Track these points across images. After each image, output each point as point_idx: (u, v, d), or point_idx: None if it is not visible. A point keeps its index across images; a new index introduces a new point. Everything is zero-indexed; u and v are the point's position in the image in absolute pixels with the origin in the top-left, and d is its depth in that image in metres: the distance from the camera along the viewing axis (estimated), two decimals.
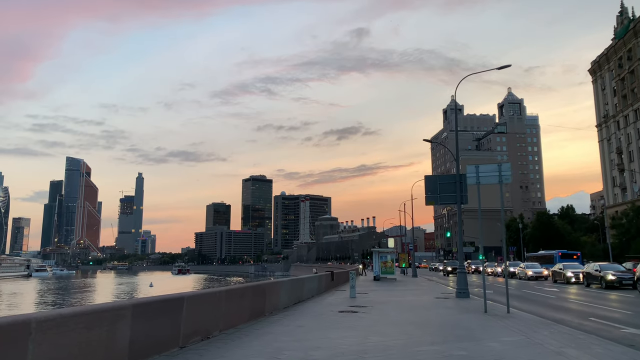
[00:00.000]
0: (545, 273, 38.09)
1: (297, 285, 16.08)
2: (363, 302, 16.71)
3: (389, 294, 22.14)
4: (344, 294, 20.10)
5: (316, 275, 20.59)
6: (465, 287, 19.96)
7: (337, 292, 21.89)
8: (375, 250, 37.99)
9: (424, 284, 31.68)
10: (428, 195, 21.27)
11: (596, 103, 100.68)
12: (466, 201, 20.85)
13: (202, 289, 14.97)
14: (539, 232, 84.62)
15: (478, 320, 11.86)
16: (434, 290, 25.21)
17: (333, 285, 25.16)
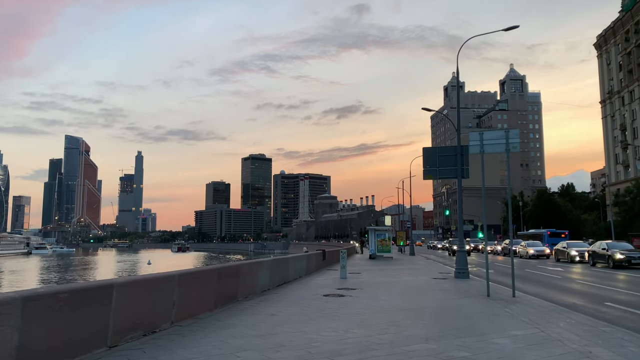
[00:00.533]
0: (547, 252, 36.73)
1: (281, 266, 14.56)
2: (353, 284, 15.24)
3: (383, 273, 20.72)
4: (334, 275, 18.65)
5: (304, 255, 19.10)
6: (465, 267, 18.51)
7: (328, 272, 20.46)
8: (371, 228, 36.55)
9: (421, 263, 30.32)
10: (426, 169, 19.66)
11: (601, 78, 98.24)
12: (467, 175, 19.27)
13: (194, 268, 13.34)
14: (539, 210, 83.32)
15: (480, 306, 10.36)
16: (431, 269, 23.81)
17: (325, 265, 23.75)
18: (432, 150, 19.90)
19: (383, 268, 24.97)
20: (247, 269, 11.04)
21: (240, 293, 10.64)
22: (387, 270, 22.91)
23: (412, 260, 35.09)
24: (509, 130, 12.54)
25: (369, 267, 25.45)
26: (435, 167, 19.44)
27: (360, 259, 37.38)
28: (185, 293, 7.96)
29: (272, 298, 11.31)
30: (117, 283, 6.07)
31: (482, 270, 25.12)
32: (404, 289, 14.13)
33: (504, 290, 13.73)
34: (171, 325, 7.47)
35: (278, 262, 14.21)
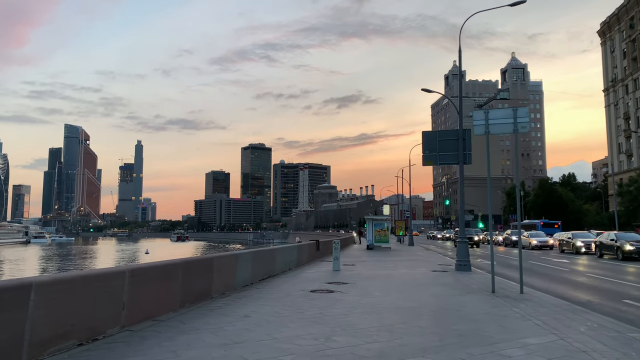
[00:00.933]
0: (550, 242, 35.57)
1: (265, 258, 13.33)
2: (345, 278, 14.06)
3: (380, 265, 19.54)
4: (327, 267, 17.47)
5: (294, 245, 17.89)
6: (466, 258, 17.33)
7: (321, 264, 19.29)
8: (369, 218, 35.36)
9: (420, 254, 29.18)
10: (426, 155, 18.39)
11: (604, 66, 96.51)
12: (469, 160, 18.01)
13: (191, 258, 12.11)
14: (541, 200, 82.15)
15: (486, 305, 9.17)
16: (430, 261, 22.64)
17: (319, 256, 22.58)
18: (432, 134, 18.63)
19: (380, 259, 23.82)
20: (222, 262, 9.81)
21: (215, 289, 9.44)
22: (383, 262, 21.74)
23: (411, 251, 33.96)
24: (517, 108, 11.25)
25: (365, 259, 24.30)
26: (435, 153, 18.18)
27: (358, 249, 36.27)
28: (140, 291, 6.75)
29: (252, 295, 10.11)
30: (36, 282, 4.85)
31: (484, 262, 23.98)
32: (401, 283, 12.94)
33: (510, 286, 12.56)
34: (121, 330, 6.28)
35: (262, 254, 12.97)
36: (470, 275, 15.27)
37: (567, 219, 78.33)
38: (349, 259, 23.19)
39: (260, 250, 12.89)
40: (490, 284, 11.78)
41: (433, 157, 18.26)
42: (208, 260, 9.30)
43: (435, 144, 18.18)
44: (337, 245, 16.38)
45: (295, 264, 17.26)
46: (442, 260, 23.28)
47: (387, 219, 35.59)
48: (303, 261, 18.76)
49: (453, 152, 18.02)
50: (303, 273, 15.36)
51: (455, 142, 17.99)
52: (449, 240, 68.48)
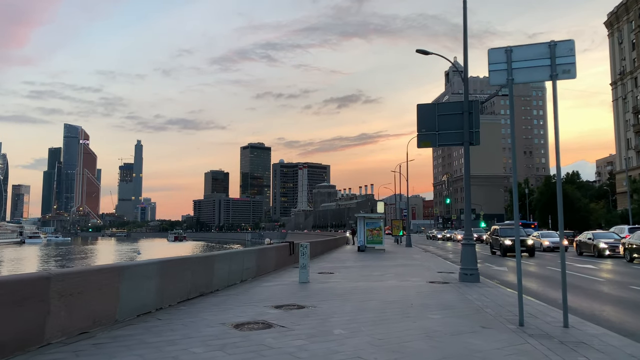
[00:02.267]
0: (565, 243, 31.66)
1: (191, 269, 9.41)
2: (309, 295, 10.20)
3: (365, 273, 15.65)
4: (295, 277, 13.58)
5: (252, 250, 13.95)
6: (473, 266, 13.47)
7: (292, 272, 15.43)
8: (360, 216, 31.44)
9: (417, 257, 25.29)
10: (422, 134, 14.51)
11: (611, 59, 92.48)
12: (477, 140, 14.14)
13: None
14: (545, 198, 78.12)
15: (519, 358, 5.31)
16: (428, 267, 18.75)
17: (293, 261, 18.72)
18: (429, 108, 14.68)
19: (368, 264, 19.93)
20: (76, 283, 5.90)
21: (59, 328, 5.57)
22: (371, 268, 17.86)
23: (408, 253, 30.08)
24: (556, 43, 7.38)
25: (351, 263, 20.41)
26: (434, 132, 14.31)
27: (348, 251, 32.41)
28: None
29: (129, 336, 6.21)
30: None
31: (491, 267, 20.10)
32: (382, 305, 9.04)
33: (540, 310, 8.64)
34: None
35: (179, 265, 9.03)
36: (479, 290, 11.40)
37: (574, 218, 74.47)
38: (330, 264, 19.34)
39: (175, 259, 8.96)
40: (511, 305, 7.91)
41: (431, 137, 14.39)
42: (39, 281, 5.39)
43: (433, 121, 14.32)
44: (304, 249, 12.51)
45: (254, 274, 13.39)
46: (443, 266, 19.40)
47: (381, 218, 31.71)
48: (267, 269, 14.89)
49: (456, 131, 14.16)
50: (255, 288, 11.47)
51: (459, 118, 14.13)
52: (450, 240, 64.60)
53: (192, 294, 9.26)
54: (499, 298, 10.04)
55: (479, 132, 14.15)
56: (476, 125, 14.12)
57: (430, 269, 17.60)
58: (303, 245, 12.60)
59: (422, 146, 14.58)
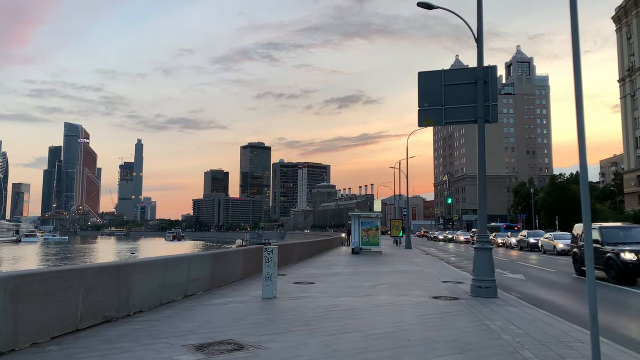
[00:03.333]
0: None
1: (85, 284, 6.35)
2: (263, 321, 7.23)
3: (352, 283, 12.66)
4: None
5: (204, 255, 10.88)
6: (489, 276, 10.49)
7: None
8: (354, 215, 28.43)
9: (417, 261, 22.29)
10: (424, 109, 11.54)
11: (619, 54, 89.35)
12: (495, 117, 11.17)
13: None
14: (552, 198, 75.00)
15: None
16: (430, 274, 15.75)
17: None
18: (434, 76, 11.63)
19: (359, 270, 16.94)
20: None
21: None
22: (362, 276, 14.88)
23: (407, 256, 27.08)
24: None
25: (340, 269, 17.41)
26: (439, 106, 11.35)
27: (340, 253, 29.41)
28: None
29: None
30: None
31: (502, 273, 17.06)
32: (364, 342, 6.04)
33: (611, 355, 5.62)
34: None
35: (57, 279, 5.89)
36: (502, 311, 8.41)
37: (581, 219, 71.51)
38: (314, 270, 16.36)
39: (53, 272, 5.91)
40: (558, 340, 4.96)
41: (435, 113, 11.41)
42: None
43: (438, 92, 11.35)
44: (270, 254, 9.52)
45: (207, 286, 10.41)
46: (447, 273, 16.41)
47: (378, 217, 28.71)
48: (229, 278, 11.91)
49: (468, 105, 11.18)
50: (196, 309, 8.48)
51: (471, 88, 11.16)
52: (451, 241, 61.59)
53: (87, 321, 6.28)
54: (535, 327, 7.05)
55: (496, 106, 11.19)
56: (493, 98, 11.16)
57: (433, 278, 14.62)
58: (268, 250, 9.61)
59: (424, 124, 11.60)
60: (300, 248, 21.70)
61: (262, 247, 15.09)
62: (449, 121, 11.45)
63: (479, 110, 10.99)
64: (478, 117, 11.02)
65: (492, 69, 11.23)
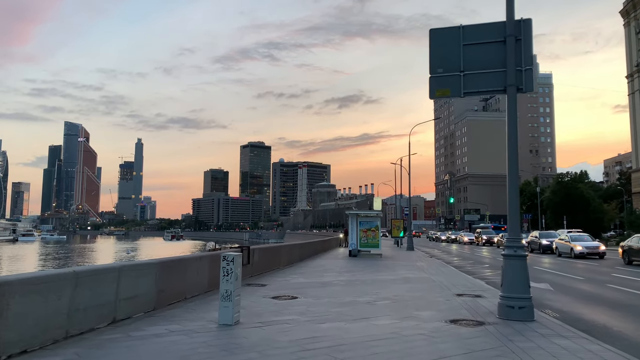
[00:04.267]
0: (602, 248, 26.14)
1: None
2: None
3: (344, 298, 10.10)
4: (244, 302, 7.95)
5: (145, 264, 8.27)
6: (523, 292, 7.92)
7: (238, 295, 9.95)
8: (352, 213, 25.83)
9: (422, 264, 19.74)
10: (437, 76, 8.96)
11: (628, 50, 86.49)
12: (530, 85, 8.59)
13: None
14: (558, 197, 72.36)
15: None
16: (439, 283, 13.18)
17: (247, 274, 13.23)
18: (450, 35, 9.01)
19: (355, 279, 14.37)
20: None
21: None
22: (357, 286, 12.32)
23: (409, 259, 24.53)
24: None
25: (332, 277, 14.85)
26: (456, 72, 8.80)
27: (337, 256, 26.85)
28: None
29: None
30: None
31: None
32: None
33: None
34: None
35: None
36: (553, 349, 5.85)
37: (589, 219, 68.89)
38: (302, 279, 13.80)
39: None
40: None
41: (452, 81, 8.85)
42: None
43: (456, 54, 8.80)
44: (230, 265, 6.99)
45: (151, 304, 7.86)
46: (459, 281, 13.86)
47: (378, 215, 26.16)
48: (187, 292, 9.34)
49: (494, 70, 8.63)
50: (118, 344, 5.93)
51: (497, 49, 8.61)
52: (455, 242, 58.96)
53: None
54: None
55: (532, 71, 8.61)
56: (528, 60, 8.59)
57: (444, 289, 12.06)
58: (227, 259, 7.04)
59: (437, 95, 9.03)
60: (290, 251, 19.16)
61: (243, 249, 12.53)
62: (470, 91, 8.88)
63: (509, 76, 8.45)
64: (508, 84, 8.47)
65: (525, 23, 8.66)
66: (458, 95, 9.00)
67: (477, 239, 50.89)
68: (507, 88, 8.49)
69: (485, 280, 15.13)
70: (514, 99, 8.54)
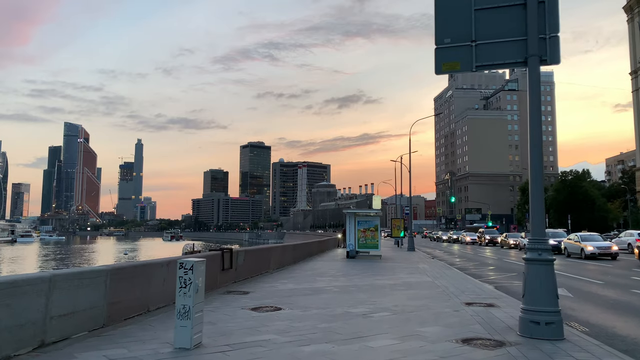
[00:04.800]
0: (614, 249, 24.71)
1: None
2: None
3: (335, 310, 8.70)
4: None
5: (88, 271, 6.82)
6: (551, 305, 6.50)
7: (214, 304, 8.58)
8: (349, 212, 24.39)
9: (424, 267, 18.33)
10: (444, 47, 7.49)
11: (631, 46, 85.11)
12: (556, 55, 7.12)
13: None
14: (562, 196, 71.04)
15: None
16: (444, 288, 11.78)
17: (230, 279, 11.84)
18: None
19: (351, 284, 12.97)
20: None
21: None
22: (352, 294, 10.91)
23: (410, 260, 23.12)
24: None
25: (325, 283, 13.44)
26: (467, 42, 7.40)
27: (335, 257, 25.44)
28: None
29: None
30: None
31: None
32: None
33: None
34: None
35: None
36: None
37: (593, 218, 67.57)
38: (291, 285, 12.38)
39: None
40: None
41: (462, 53, 7.45)
42: None
43: (466, 21, 7.40)
44: (188, 274, 5.57)
45: (98, 321, 6.46)
46: (466, 285, 12.46)
47: (377, 214, 24.76)
48: (150, 304, 7.94)
49: (512, 38, 7.23)
50: None
51: (517, 14, 7.20)
52: (457, 242, 57.49)
53: None
54: None
55: (558, 39, 7.18)
56: (553, 26, 7.14)
57: (451, 295, 10.66)
58: (185, 267, 5.63)
59: (444, 70, 7.62)
60: (281, 252, 17.74)
61: (220, 253, 11.17)
62: (483, 64, 7.45)
63: (531, 46, 7.03)
64: (529, 55, 7.06)
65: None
66: (469, 70, 7.57)
67: (479, 239, 49.49)
68: (529, 59, 7.07)
69: (495, 285, 13.75)
70: (537, 73, 7.12)
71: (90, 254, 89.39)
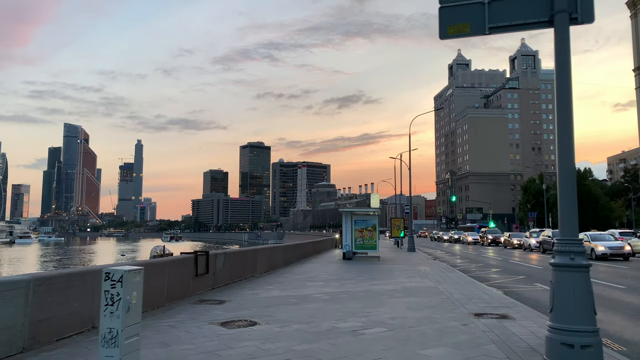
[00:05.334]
0: (627, 249, 23.33)
1: None
2: None
3: (319, 325, 7.32)
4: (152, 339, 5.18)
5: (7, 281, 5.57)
6: (588, 322, 5.14)
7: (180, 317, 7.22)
8: (346, 211, 22.95)
9: (425, 270, 16.95)
10: (449, 7, 6.15)
11: (634, 42, 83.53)
12: (590, 12, 5.79)
13: None
14: None
15: None
16: (449, 295, 10.39)
17: (205, 286, 10.46)
18: None
19: (344, 290, 11.59)
20: None
21: None
22: (342, 303, 9.54)
23: (411, 262, 21.72)
24: None
25: (314, 289, 12.06)
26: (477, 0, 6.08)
27: (330, 259, 24.05)
28: None
29: None
30: None
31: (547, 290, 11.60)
32: None
33: None
34: None
35: None
36: None
37: (596, 217, 66.20)
38: (276, 291, 11.00)
39: None
40: None
41: (471, 12, 6.06)
42: None
43: None
44: (116, 288, 4.17)
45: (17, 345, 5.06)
46: (472, 290, 11.08)
47: (375, 213, 23.38)
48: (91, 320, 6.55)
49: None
50: None
51: None
52: (458, 242, 56.12)
53: None
54: None
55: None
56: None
57: (456, 304, 9.29)
58: (113, 277, 4.26)
59: (450, 33, 6.24)
60: (270, 254, 16.35)
61: (193, 256, 9.78)
62: (498, 25, 6.07)
63: (558, 0, 5.67)
64: (556, 11, 5.68)
65: None
66: (481, 32, 6.19)
67: (481, 239, 48.12)
68: (555, 17, 5.69)
69: (503, 290, 12.38)
70: (566, 34, 5.74)
71: (89, 254, 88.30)
